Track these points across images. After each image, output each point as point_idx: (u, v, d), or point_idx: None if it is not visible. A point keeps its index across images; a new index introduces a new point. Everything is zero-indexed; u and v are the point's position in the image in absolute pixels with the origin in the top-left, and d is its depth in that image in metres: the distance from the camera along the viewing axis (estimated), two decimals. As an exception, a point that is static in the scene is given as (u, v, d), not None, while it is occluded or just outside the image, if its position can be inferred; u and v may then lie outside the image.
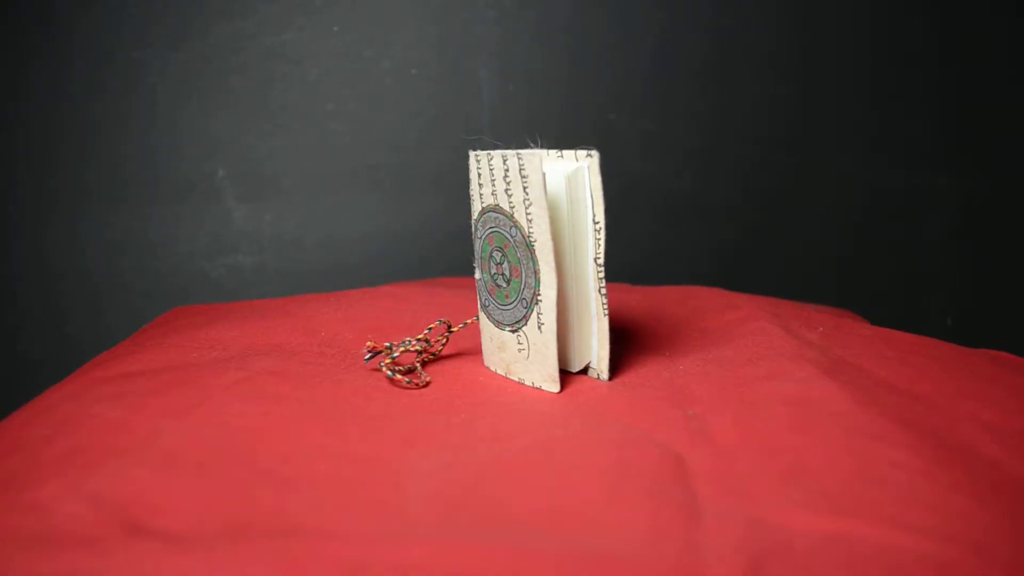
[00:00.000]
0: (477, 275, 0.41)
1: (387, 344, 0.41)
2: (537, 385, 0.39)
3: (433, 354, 0.43)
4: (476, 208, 0.40)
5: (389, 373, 0.39)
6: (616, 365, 0.41)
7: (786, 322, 0.48)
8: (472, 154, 0.38)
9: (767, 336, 0.44)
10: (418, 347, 0.42)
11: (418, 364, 0.42)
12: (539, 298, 0.37)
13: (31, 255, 0.72)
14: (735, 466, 0.30)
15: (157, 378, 0.39)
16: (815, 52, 0.76)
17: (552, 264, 0.36)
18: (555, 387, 0.38)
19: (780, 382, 0.37)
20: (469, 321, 0.44)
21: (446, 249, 0.75)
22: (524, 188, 0.36)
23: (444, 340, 0.43)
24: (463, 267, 0.74)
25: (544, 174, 0.35)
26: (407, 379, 0.39)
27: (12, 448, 0.32)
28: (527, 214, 0.36)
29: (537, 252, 0.36)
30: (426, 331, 0.43)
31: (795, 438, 0.31)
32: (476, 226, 0.40)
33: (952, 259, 0.80)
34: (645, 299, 0.56)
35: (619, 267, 0.73)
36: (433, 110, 0.73)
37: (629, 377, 0.40)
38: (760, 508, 0.27)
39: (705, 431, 0.33)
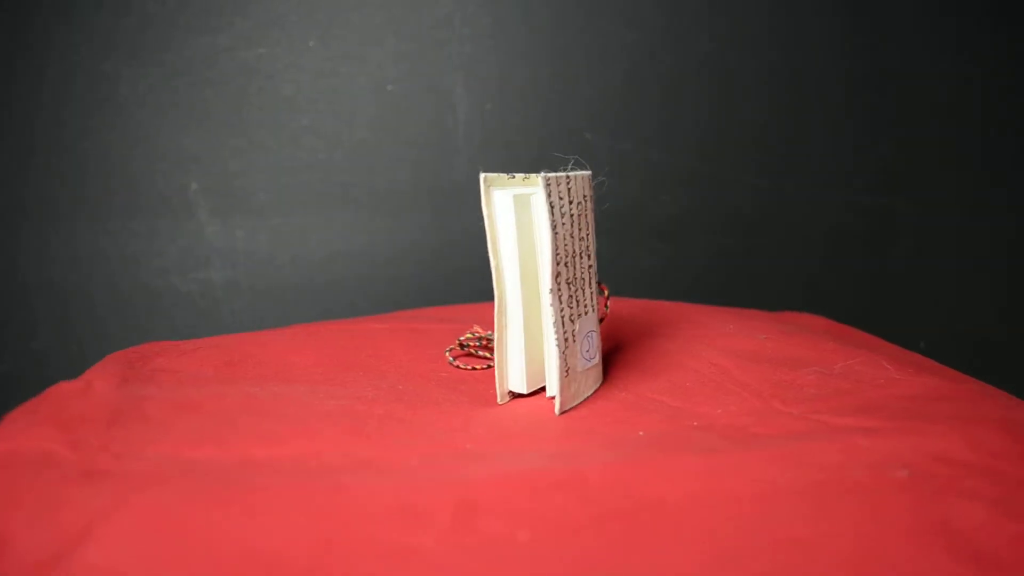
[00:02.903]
0: None
1: (488, 333, 0.47)
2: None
3: None
4: None
5: (447, 350, 0.46)
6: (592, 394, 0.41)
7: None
8: None
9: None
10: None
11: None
12: None
13: (0, 268, 0.70)
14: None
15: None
16: (789, 70, 0.77)
17: (494, 282, 0.39)
18: (499, 399, 0.40)
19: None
20: None
21: (422, 269, 0.74)
22: None
23: None
24: (436, 288, 0.74)
25: (489, 194, 0.38)
26: (453, 359, 0.46)
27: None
28: None
29: None
30: None
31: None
32: None
33: (937, 279, 0.81)
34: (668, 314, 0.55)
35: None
36: (409, 127, 0.73)
37: (578, 414, 0.38)
38: None
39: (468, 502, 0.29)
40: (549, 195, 0.36)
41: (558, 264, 0.37)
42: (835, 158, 0.78)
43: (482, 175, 0.37)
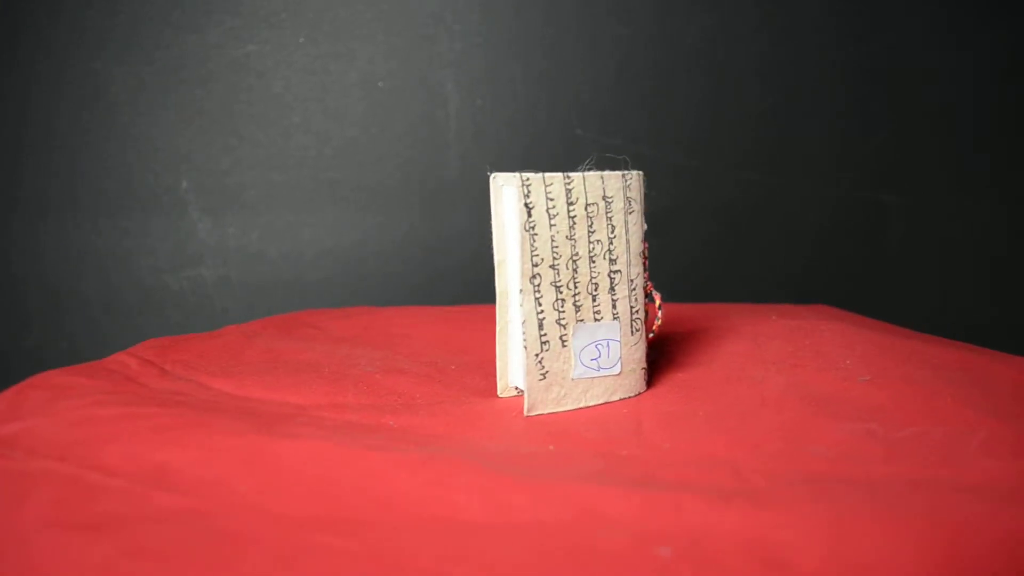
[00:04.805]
0: None
1: None
2: None
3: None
4: None
5: None
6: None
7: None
8: None
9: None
10: None
11: None
12: None
13: (-11, 266, 0.71)
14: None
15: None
16: (780, 64, 0.77)
17: (496, 277, 0.39)
18: (499, 392, 0.41)
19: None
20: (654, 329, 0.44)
21: (412, 266, 0.74)
22: None
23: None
24: (427, 285, 0.74)
25: (498, 190, 0.38)
26: None
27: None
28: None
29: None
30: None
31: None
32: None
33: (928, 274, 0.81)
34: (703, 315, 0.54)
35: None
36: (399, 124, 0.73)
37: (539, 419, 0.38)
38: None
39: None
40: (527, 195, 0.36)
41: (535, 266, 0.37)
42: (826, 152, 0.79)
43: (492, 175, 0.37)
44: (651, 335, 0.42)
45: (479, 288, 0.70)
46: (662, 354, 0.46)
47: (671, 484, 0.29)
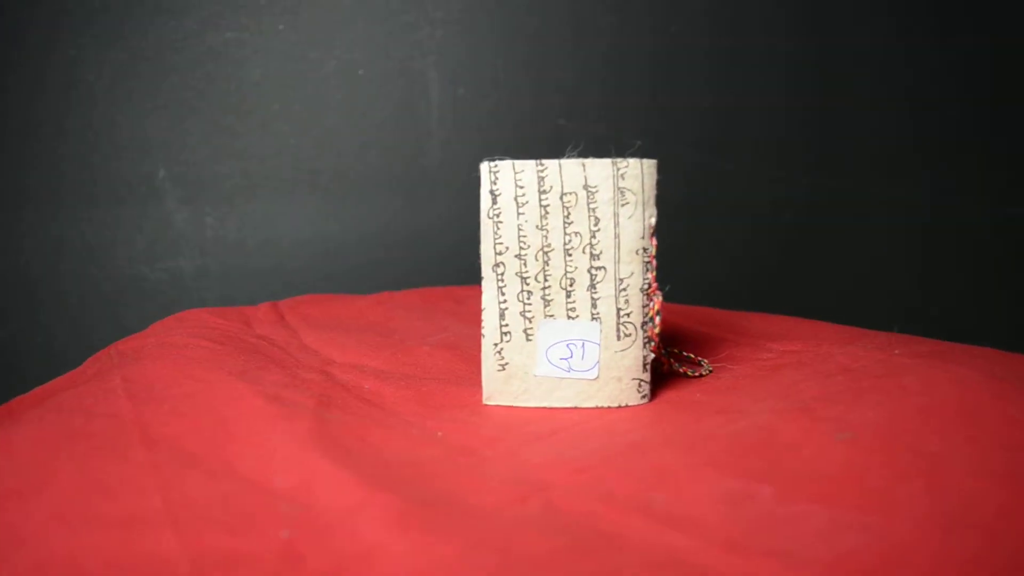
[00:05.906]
0: None
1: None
2: None
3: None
4: None
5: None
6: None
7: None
8: None
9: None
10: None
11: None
12: None
13: (-36, 256, 0.70)
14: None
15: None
16: (765, 57, 0.76)
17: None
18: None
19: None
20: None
21: (393, 254, 0.74)
22: None
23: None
24: (408, 274, 0.73)
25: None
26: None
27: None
28: None
29: None
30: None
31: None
32: None
33: (914, 267, 0.81)
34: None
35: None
36: (380, 112, 0.72)
37: (494, 411, 0.37)
38: None
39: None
40: (494, 182, 0.36)
41: (499, 255, 0.36)
42: (810, 148, 0.78)
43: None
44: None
45: (460, 277, 0.69)
46: (720, 366, 0.41)
47: (443, 494, 0.27)
